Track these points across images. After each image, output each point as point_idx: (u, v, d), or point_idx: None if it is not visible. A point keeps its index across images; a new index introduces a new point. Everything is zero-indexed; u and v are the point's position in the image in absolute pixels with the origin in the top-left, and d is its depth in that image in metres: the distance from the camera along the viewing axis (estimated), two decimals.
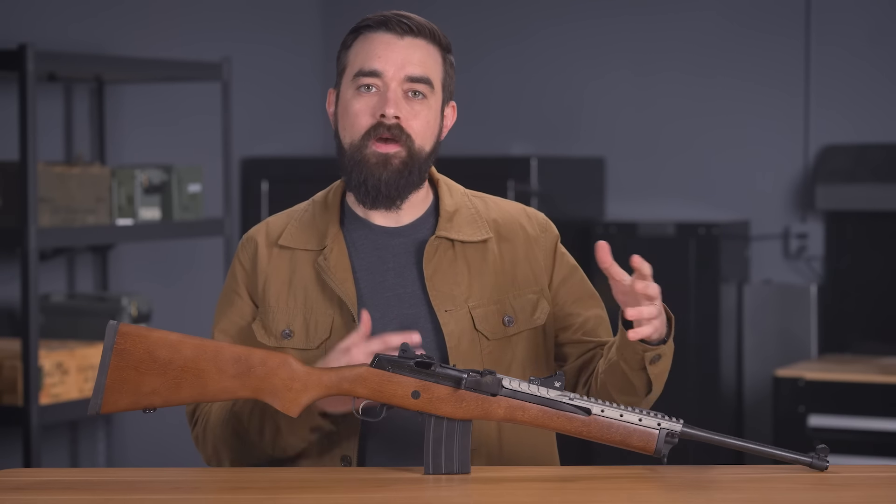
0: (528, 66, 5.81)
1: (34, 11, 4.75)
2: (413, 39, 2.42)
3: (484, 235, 2.48)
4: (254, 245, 2.51)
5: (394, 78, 2.39)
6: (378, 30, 2.42)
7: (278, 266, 2.47)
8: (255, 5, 5.71)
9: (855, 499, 2.11)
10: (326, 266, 2.43)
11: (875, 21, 5.33)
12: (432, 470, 2.22)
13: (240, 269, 2.51)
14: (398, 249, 2.46)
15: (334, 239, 2.45)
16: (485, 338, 2.43)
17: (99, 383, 2.22)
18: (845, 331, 5.27)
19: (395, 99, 2.39)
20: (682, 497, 2.13)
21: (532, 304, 2.47)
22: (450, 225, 2.46)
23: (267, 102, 5.76)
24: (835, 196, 5.22)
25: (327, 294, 2.43)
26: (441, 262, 2.44)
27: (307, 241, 2.47)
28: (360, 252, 2.46)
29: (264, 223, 2.55)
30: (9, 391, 4.25)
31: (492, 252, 2.48)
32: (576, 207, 5.52)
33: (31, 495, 2.14)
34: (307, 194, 2.59)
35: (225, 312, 2.50)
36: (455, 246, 2.46)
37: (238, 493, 2.15)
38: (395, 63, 2.40)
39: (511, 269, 2.48)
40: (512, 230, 2.51)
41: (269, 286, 2.47)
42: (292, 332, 2.43)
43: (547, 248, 2.53)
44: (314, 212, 2.50)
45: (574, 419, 2.23)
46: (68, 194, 4.36)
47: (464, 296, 2.43)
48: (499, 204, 2.55)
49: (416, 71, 2.41)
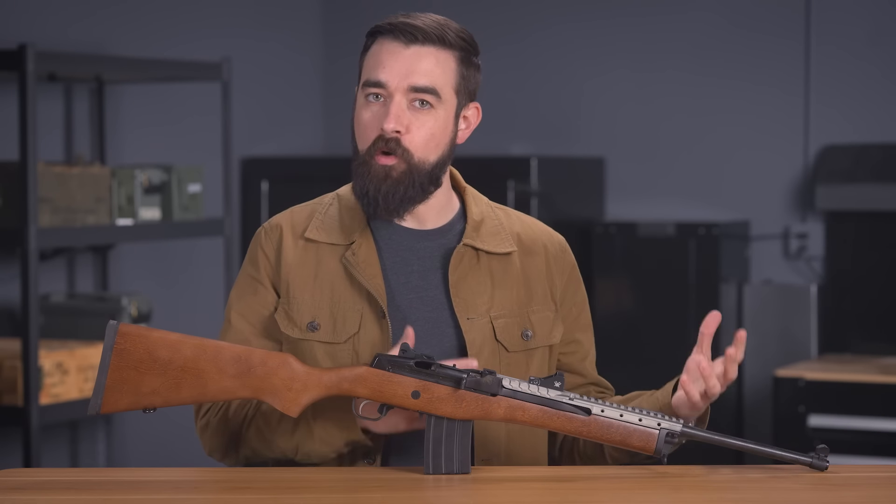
0: (528, 66, 5.81)
1: (34, 11, 4.75)
2: (420, 48, 2.38)
3: (509, 248, 2.47)
4: (278, 234, 2.47)
5: (398, 89, 2.37)
6: (387, 37, 2.39)
7: (304, 258, 2.45)
8: (255, 5, 5.71)
9: (855, 499, 2.11)
10: (355, 261, 2.41)
11: (875, 21, 5.33)
12: (432, 470, 2.22)
13: (262, 257, 2.47)
14: (423, 253, 2.45)
15: (363, 235, 2.43)
16: (504, 349, 2.43)
17: (99, 383, 2.22)
18: (845, 331, 5.27)
19: (397, 112, 2.36)
20: (682, 497, 2.13)
21: (549, 321, 2.48)
22: (476, 234, 2.45)
23: (267, 102, 5.76)
24: (835, 196, 5.21)
25: (355, 289, 2.41)
26: (466, 270, 2.43)
27: (334, 236, 2.44)
28: (386, 251, 2.45)
29: (289, 212, 2.51)
30: (9, 391, 4.25)
31: (514, 265, 2.47)
32: (576, 207, 5.52)
33: (31, 495, 2.14)
34: (307, 194, 2.58)
35: (243, 297, 2.46)
36: (480, 256, 2.45)
37: (238, 493, 2.15)
38: (398, 73, 2.37)
39: (532, 283, 2.48)
40: (534, 247, 2.50)
41: (293, 277, 2.44)
42: (319, 326, 2.41)
43: (565, 271, 2.53)
44: (340, 207, 2.48)
45: (574, 419, 2.23)
46: (68, 194, 4.36)
47: (486, 306, 2.43)
48: (521, 218, 2.54)
49: (421, 81, 2.37)
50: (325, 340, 2.40)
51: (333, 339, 2.40)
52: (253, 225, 5.47)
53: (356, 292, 2.41)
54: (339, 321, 2.40)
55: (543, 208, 5.20)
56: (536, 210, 5.19)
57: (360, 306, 2.40)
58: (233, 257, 5.07)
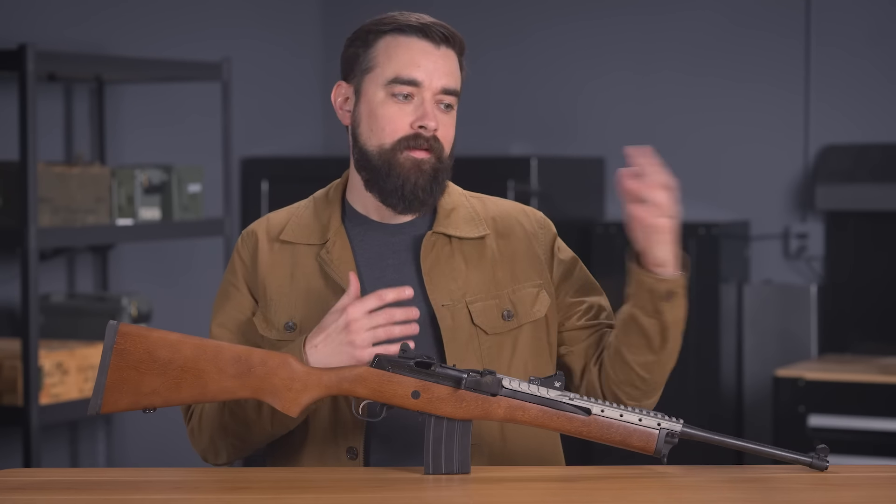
0: (528, 66, 5.81)
1: (34, 11, 4.75)
2: (447, 49, 2.43)
3: (481, 232, 2.49)
4: (254, 239, 2.51)
5: (430, 88, 2.40)
6: (414, 35, 2.41)
7: (280, 260, 2.47)
8: (255, 5, 5.71)
9: (855, 499, 2.11)
10: (329, 259, 2.43)
11: (875, 21, 5.33)
12: (432, 470, 2.22)
13: (240, 264, 2.51)
14: (397, 246, 2.47)
15: (336, 233, 2.46)
16: (483, 332, 2.43)
17: (99, 383, 2.22)
18: (845, 331, 5.27)
19: (435, 111, 2.40)
20: (682, 497, 2.13)
21: (532, 296, 2.48)
22: (447, 221, 2.47)
23: (267, 103, 5.76)
24: (835, 196, 5.21)
25: (330, 287, 2.43)
26: (438, 257, 2.45)
27: (309, 236, 2.47)
28: (361, 247, 2.47)
29: (265, 218, 2.55)
30: (9, 391, 4.25)
31: (489, 248, 2.48)
32: (576, 207, 5.52)
33: (31, 495, 2.14)
34: (307, 194, 2.59)
35: (223, 307, 2.50)
36: (452, 242, 2.47)
37: (239, 493, 2.15)
38: (433, 74, 2.40)
39: (509, 264, 2.48)
40: (509, 226, 2.52)
41: (270, 280, 2.47)
42: (296, 325, 2.43)
43: (546, 244, 2.54)
44: (315, 208, 2.51)
45: (574, 419, 2.23)
46: (68, 194, 4.36)
47: (461, 291, 2.44)
48: (497, 203, 2.56)
49: (451, 83, 2.42)
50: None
51: None
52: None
53: (332, 290, 2.43)
54: (315, 320, 2.40)
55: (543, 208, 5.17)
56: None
57: (335, 304, 2.41)
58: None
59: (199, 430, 2.46)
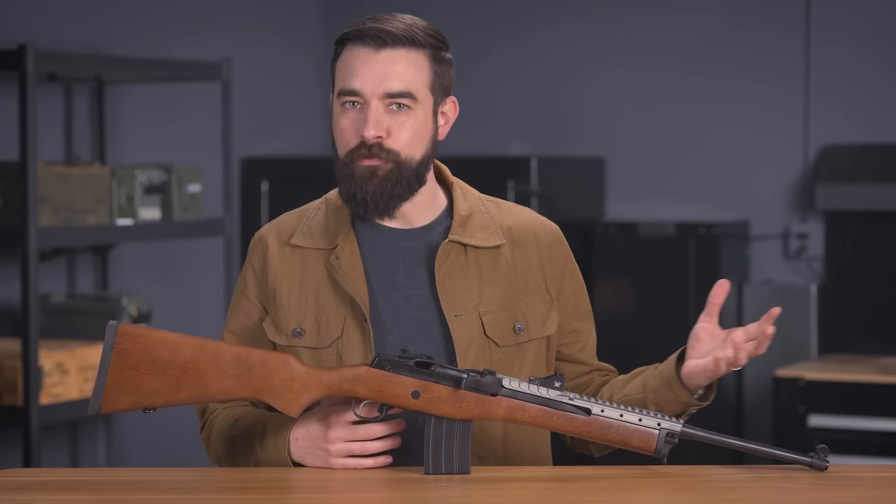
0: (529, 66, 5.81)
1: (34, 11, 4.75)
2: (391, 51, 2.37)
3: (497, 241, 2.46)
4: (264, 246, 2.50)
5: (373, 95, 2.36)
6: (356, 43, 2.38)
7: (290, 265, 2.46)
8: (255, 5, 5.71)
9: (855, 499, 2.11)
10: (338, 265, 2.42)
11: (875, 21, 5.33)
12: (432, 470, 2.22)
13: (250, 272, 2.50)
14: (409, 252, 2.45)
15: (346, 238, 2.44)
16: (495, 344, 2.42)
17: (99, 383, 2.22)
18: (845, 331, 5.27)
19: (376, 118, 2.36)
20: (682, 497, 2.13)
21: (543, 313, 2.47)
22: (463, 230, 2.45)
23: (267, 102, 5.76)
24: (835, 196, 5.21)
25: (339, 293, 2.42)
26: (453, 266, 2.43)
27: (319, 241, 2.46)
28: (371, 253, 2.45)
29: (276, 221, 2.53)
30: (9, 391, 4.25)
31: (504, 258, 2.46)
32: (576, 207, 5.52)
33: (31, 495, 2.14)
34: (307, 194, 2.59)
35: (233, 314, 2.51)
36: (467, 251, 2.44)
37: (239, 493, 2.15)
38: (372, 80, 2.35)
39: (523, 275, 2.47)
40: (525, 237, 2.49)
41: (280, 285, 2.45)
42: (303, 331, 2.42)
43: (559, 259, 2.52)
44: (326, 211, 2.49)
45: (574, 419, 2.23)
46: (68, 194, 4.36)
47: (474, 301, 2.42)
48: (513, 210, 2.53)
49: (396, 86, 2.36)
50: (309, 346, 2.41)
51: (317, 343, 2.41)
52: (253, 225, 5.47)
53: (340, 296, 2.42)
54: (322, 326, 2.40)
55: (543, 208, 5.20)
56: (536, 210, 5.19)
57: (343, 310, 2.41)
58: (233, 257, 5.07)
59: (208, 447, 2.48)
